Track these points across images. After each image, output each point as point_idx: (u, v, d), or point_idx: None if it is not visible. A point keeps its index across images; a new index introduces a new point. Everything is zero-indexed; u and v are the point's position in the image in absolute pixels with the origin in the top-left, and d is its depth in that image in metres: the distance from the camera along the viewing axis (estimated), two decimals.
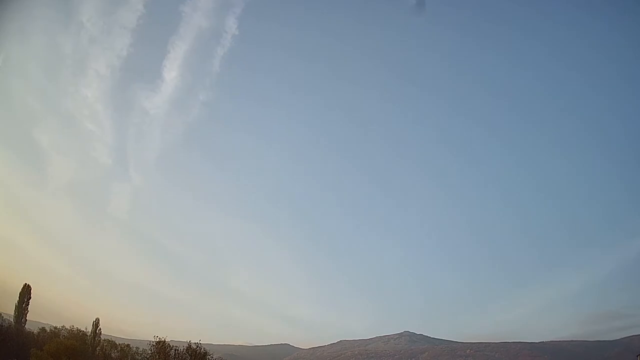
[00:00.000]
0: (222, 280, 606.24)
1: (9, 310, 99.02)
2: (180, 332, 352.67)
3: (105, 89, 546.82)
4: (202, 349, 65.18)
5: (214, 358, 68.92)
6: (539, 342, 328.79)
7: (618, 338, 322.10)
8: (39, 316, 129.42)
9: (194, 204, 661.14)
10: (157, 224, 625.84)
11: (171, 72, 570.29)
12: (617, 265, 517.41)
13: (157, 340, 64.88)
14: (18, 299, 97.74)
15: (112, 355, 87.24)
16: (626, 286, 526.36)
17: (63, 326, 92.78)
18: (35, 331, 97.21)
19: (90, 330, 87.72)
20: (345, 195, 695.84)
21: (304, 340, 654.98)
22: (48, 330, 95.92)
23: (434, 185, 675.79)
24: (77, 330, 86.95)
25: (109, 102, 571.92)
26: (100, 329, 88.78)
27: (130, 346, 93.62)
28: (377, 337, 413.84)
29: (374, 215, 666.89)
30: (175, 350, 65.32)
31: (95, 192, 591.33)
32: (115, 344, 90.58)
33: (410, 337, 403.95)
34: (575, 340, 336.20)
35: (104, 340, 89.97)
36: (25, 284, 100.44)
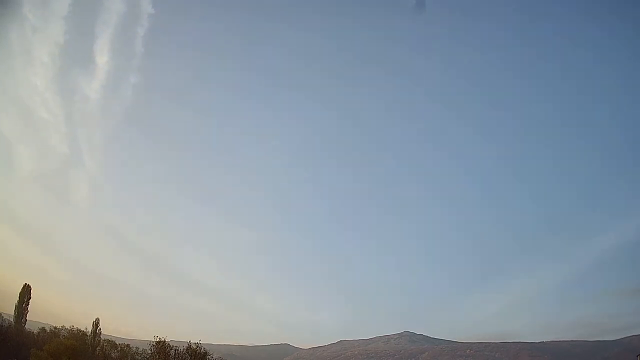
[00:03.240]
0: (212, 279, 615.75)
1: (9, 310, 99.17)
2: (179, 332, 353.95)
3: (50, 76, 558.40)
4: (202, 349, 65.04)
5: (214, 358, 68.85)
6: (539, 342, 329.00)
7: (618, 338, 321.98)
8: (38, 316, 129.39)
9: (153, 192, 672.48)
10: (126, 216, 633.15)
11: (102, 57, 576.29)
12: (597, 254, 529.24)
13: (157, 340, 64.83)
14: (18, 299, 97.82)
15: (112, 355, 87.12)
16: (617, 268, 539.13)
17: (63, 326, 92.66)
18: (35, 331, 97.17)
19: (90, 330, 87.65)
20: (336, 196, 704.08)
21: (304, 340, 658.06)
22: (48, 330, 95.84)
23: (423, 185, 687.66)
24: (77, 330, 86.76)
25: (56, 90, 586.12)
26: (100, 329, 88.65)
27: (130, 346, 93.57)
28: (377, 337, 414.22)
29: (366, 217, 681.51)
30: (175, 350, 65.26)
31: (60, 182, 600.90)
32: (115, 344, 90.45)
33: (410, 337, 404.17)
34: (575, 340, 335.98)
35: (104, 340, 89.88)
36: (25, 284, 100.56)
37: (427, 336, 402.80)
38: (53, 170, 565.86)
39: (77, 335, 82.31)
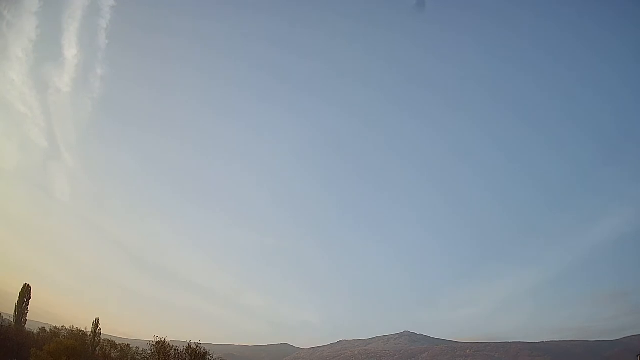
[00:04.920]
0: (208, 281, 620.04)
1: (9, 310, 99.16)
2: (179, 332, 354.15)
3: (25, 71, 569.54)
4: (202, 349, 64.96)
5: (214, 358, 68.73)
6: (539, 342, 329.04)
7: (618, 338, 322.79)
8: (38, 316, 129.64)
9: (141, 188, 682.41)
10: (112, 213, 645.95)
11: (71, 50, 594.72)
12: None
13: (157, 340, 64.77)
14: (18, 299, 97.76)
15: (112, 355, 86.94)
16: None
17: (63, 326, 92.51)
18: (35, 331, 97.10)
19: (90, 330, 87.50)
20: (337, 196, 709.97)
21: (304, 340, 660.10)
22: (48, 330, 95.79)
23: (427, 184, 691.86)
24: (77, 330, 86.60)
25: (32, 84, 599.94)
26: (100, 329, 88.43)
27: (130, 346, 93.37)
28: (377, 337, 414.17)
29: (370, 214, 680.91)
30: (175, 350, 65.20)
31: (44, 177, 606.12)
32: (115, 344, 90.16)
33: (410, 337, 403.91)
34: (575, 340, 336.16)
35: (104, 340, 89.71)
36: (25, 284, 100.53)
37: (427, 336, 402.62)
38: (35, 165, 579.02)
39: (77, 335, 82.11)
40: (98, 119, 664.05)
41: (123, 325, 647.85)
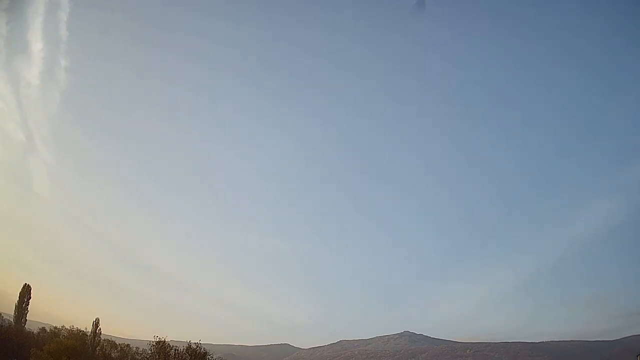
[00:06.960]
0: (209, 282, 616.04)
1: (9, 310, 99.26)
2: (179, 332, 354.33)
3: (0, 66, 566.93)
4: (202, 349, 65.10)
5: (214, 358, 68.83)
6: (539, 342, 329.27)
7: (618, 338, 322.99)
8: (38, 316, 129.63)
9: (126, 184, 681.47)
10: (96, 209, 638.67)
11: (37, 44, 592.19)
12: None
13: (157, 340, 64.80)
14: (18, 299, 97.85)
15: (112, 355, 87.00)
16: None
17: (63, 326, 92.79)
18: (35, 331, 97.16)
19: (90, 330, 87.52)
20: (341, 194, 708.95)
21: (304, 340, 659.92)
22: (48, 330, 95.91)
23: (428, 180, 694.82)
24: (77, 330, 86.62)
25: (6, 79, 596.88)
26: (100, 329, 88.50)
27: (130, 346, 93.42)
28: (377, 337, 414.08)
29: (370, 214, 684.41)
30: (175, 350, 65.23)
31: (24, 171, 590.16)
32: (115, 344, 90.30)
33: (410, 337, 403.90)
34: (575, 340, 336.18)
35: (104, 340, 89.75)
36: (25, 284, 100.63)
37: (427, 336, 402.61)
38: (16, 160, 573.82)
39: (77, 335, 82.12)
40: (67, 110, 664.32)
41: (123, 325, 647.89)
